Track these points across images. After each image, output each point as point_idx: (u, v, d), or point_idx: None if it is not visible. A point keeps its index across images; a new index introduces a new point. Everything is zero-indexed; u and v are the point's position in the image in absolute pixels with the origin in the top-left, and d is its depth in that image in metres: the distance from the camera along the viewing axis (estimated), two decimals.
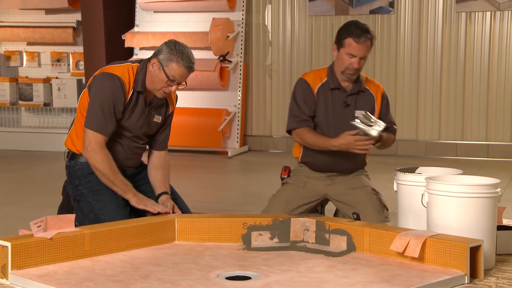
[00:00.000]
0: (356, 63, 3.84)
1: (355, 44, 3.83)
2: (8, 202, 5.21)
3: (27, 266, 3.06)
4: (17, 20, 8.63)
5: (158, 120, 3.84)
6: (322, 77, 3.98)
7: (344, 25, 3.94)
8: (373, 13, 7.86)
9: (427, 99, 7.80)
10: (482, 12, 7.58)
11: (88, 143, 3.62)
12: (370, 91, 4.01)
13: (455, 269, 3.09)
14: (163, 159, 3.91)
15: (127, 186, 3.67)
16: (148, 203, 3.66)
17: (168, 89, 3.67)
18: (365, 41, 3.83)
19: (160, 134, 3.91)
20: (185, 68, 3.62)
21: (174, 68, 3.61)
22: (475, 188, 3.30)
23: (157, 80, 3.65)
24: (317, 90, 3.96)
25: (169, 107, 3.90)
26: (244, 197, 5.62)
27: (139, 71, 3.71)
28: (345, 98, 3.95)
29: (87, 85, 3.75)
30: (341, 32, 3.90)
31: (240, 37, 7.95)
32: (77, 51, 8.44)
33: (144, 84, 3.71)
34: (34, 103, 8.45)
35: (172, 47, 3.64)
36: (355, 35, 3.83)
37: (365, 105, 3.95)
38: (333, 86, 3.95)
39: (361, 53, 3.84)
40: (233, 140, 7.91)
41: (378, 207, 3.85)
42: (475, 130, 7.70)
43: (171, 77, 3.62)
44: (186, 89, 7.93)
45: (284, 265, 3.21)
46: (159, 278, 3.00)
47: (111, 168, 3.63)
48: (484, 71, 7.62)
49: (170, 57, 3.61)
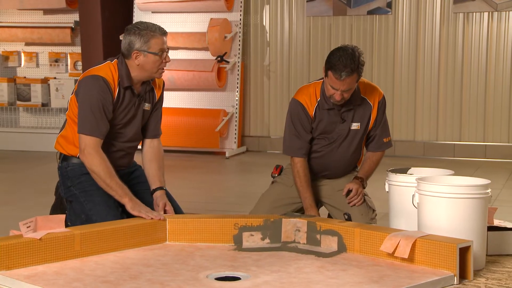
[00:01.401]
0: (338, 95, 3.70)
1: (334, 79, 3.67)
2: (3, 203, 5.22)
3: (16, 266, 3.07)
4: (15, 21, 8.63)
5: (148, 108, 3.87)
6: (317, 96, 3.87)
7: (331, 52, 3.73)
8: (370, 13, 7.85)
9: (424, 100, 7.79)
10: (480, 12, 7.57)
11: (84, 147, 3.62)
12: (367, 101, 3.89)
13: (444, 269, 3.09)
14: (157, 148, 3.92)
15: (124, 190, 3.65)
16: (143, 210, 3.62)
17: (164, 62, 3.71)
18: (347, 78, 3.63)
19: (151, 121, 3.91)
20: (161, 34, 3.68)
21: (157, 43, 3.66)
22: (465, 189, 3.30)
23: (149, 65, 3.68)
24: (314, 111, 3.87)
25: (155, 93, 3.91)
26: (239, 197, 5.62)
27: (120, 66, 3.73)
28: (341, 114, 3.87)
29: (74, 91, 3.77)
30: (327, 60, 3.71)
31: (238, 38, 7.95)
32: (75, 52, 8.45)
33: (129, 78, 3.72)
34: (32, 104, 8.45)
35: (136, 31, 3.67)
36: (335, 70, 3.64)
37: (361, 116, 3.89)
38: (327, 107, 3.86)
39: (343, 88, 3.67)
40: (230, 140, 7.91)
41: (363, 209, 3.85)
42: (473, 130, 7.69)
43: (160, 51, 3.66)
44: (184, 90, 7.96)
45: (274, 265, 3.21)
46: (148, 279, 3.00)
47: (107, 171, 3.62)
48: (482, 72, 7.61)
49: (145, 38, 3.66)
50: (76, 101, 3.72)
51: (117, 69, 3.72)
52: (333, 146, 3.92)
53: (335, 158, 3.93)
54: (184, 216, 3.70)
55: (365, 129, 3.91)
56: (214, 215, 3.75)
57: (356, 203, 3.84)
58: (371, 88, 3.94)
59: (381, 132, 3.95)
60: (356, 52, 3.69)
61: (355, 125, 3.88)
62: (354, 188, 3.84)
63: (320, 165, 3.96)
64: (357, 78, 3.71)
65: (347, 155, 3.93)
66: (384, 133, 3.96)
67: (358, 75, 3.69)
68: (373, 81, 7.86)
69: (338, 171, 3.97)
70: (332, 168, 3.96)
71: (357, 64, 3.65)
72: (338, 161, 3.94)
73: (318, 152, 3.95)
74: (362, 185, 3.89)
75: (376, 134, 3.95)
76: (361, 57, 3.69)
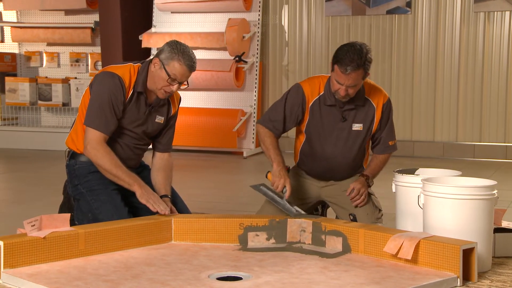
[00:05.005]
0: (342, 91, 3.65)
1: (340, 73, 3.62)
2: (17, 201, 5.27)
3: (20, 265, 3.09)
4: (37, 21, 8.72)
5: (161, 121, 3.85)
6: (320, 89, 3.83)
7: (339, 47, 3.68)
8: (390, 13, 7.81)
9: (444, 100, 7.73)
10: (501, 11, 7.50)
11: (88, 141, 3.63)
12: (371, 102, 3.83)
13: (448, 271, 3.06)
14: (166, 160, 3.91)
15: (132, 178, 3.64)
16: (151, 199, 3.61)
17: (170, 88, 3.67)
18: (351, 72, 3.58)
19: (164, 136, 3.92)
20: (186, 66, 3.63)
21: (175, 67, 3.62)
22: (470, 190, 3.26)
23: (158, 79, 3.66)
24: (313, 103, 3.82)
25: (171, 108, 3.90)
26: (253, 198, 5.59)
27: (141, 71, 3.73)
28: (342, 112, 3.82)
29: (89, 84, 3.78)
30: (334, 55, 3.66)
31: (257, 38, 7.95)
32: (95, 52, 8.52)
33: (145, 84, 3.72)
34: (53, 103, 8.53)
35: (173, 46, 3.66)
36: (341, 64, 3.59)
37: (364, 118, 3.83)
38: (329, 103, 3.81)
39: (348, 82, 3.62)
40: (248, 140, 7.91)
41: (369, 209, 3.82)
42: (493, 131, 7.61)
43: (172, 76, 3.63)
44: (202, 89, 7.98)
45: (277, 266, 3.20)
46: (149, 278, 3.01)
47: (112, 162, 3.62)
48: (503, 72, 7.53)
49: (171, 55, 3.63)
50: (89, 93, 3.73)
51: (136, 73, 3.73)
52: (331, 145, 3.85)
53: (338, 160, 3.87)
54: (189, 216, 3.71)
55: (368, 131, 3.85)
56: (219, 215, 3.75)
57: (359, 204, 3.81)
58: (376, 90, 3.88)
59: (386, 135, 3.89)
60: (364, 49, 3.64)
61: (357, 125, 3.83)
62: (356, 188, 3.80)
63: (323, 167, 3.91)
64: (363, 75, 3.65)
65: (349, 156, 3.88)
66: (389, 136, 3.90)
67: (364, 71, 3.63)
68: (392, 81, 7.82)
69: (342, 172, 3.91)
70: (335, 169, 3.90)
71: (364, 60, 3.60)
72: (341, 162, 3.88)
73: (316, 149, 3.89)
74: (366, 183, 3.84)
75: (381, 137, 3.89)
76: (369, 54, 3.65)
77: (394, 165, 4.23)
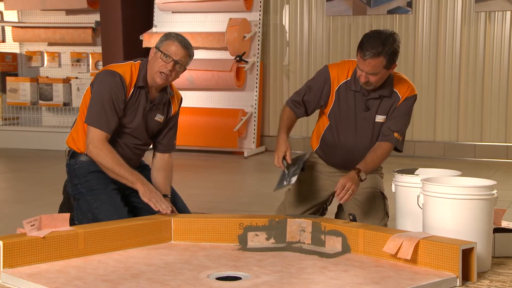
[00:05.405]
0: (363, 77, 3.59)
1: (360, 59, 3.57)
2: (18, 201, 5.28)
3: (20, 264, 3.09)
4: (38, 21, 8.73)
5: (160, 120, 3.85)
6: (349, 74, 3.75)
7: (368, 31, 3.63)
8: (391, 13, 7.81)
9: (445, 100, 7.73)
10: (502, 11, 7.49)
11: (90, 140, 3.64)
12: (397, 94, 3.73)
13: (447, 271, 3.05)
14: (166, 161, 3.91)
15: (135, 176, 3.64)
16: (153, 198, 3.61)
17: (165, 68, 3.65)
18: (369, 59, 3.51)
19: (164, 137, 3.92)
20: (178, 43, 3.66)
21: (168, 44, 3.67)
22: (470, 190, 3.26)
23: (153, 62, 3.69)
24: (339, 87, 3.76)
25: (171, 108, 3.90)
26: (253, 197, 5.62)
27: (141, 67, 3.75)
28: (365, 101, 3.75)
29: (91, 83, 3.78)
30: (360, 41, 3.60)
31: (257, 37, 7.95)
32: (96, 52, 8.52)
33: (145, 79, 3.73)
34: (54, 103, 8.54)
35: (168, 34, 3.74)
36: (362, 49, 3.54)
37: (388, 110, 3.74)
38: (354, 88, 3.74)
39: (367, 69, 3.55)
40: (249, 140, 7.92)
41: (380, 214, 3.81)
42: (494, 131, 7.60)
43: (165, 52, 3.65)
44: (203, 89, 7.98)
45: (277, 266, 3.20)
46: (148, 278, 3.00)
47: (115, 160, 3.63)
48: (504, 72, 7.52)
49: (165, 38, 3.71)
50: (90, 92, 3.74)
51: (137, 70, 3.74)
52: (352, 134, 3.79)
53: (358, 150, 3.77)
54: (189, 216, 3.71)
55: None
56: (219, 215, 3.75)
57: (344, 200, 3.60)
58: (405, 82, 3.77)
59: (393, 124, 3.73)
60: (391, 38, 3.55)
61: (380, 117, 3.73)
62: (341, 183, 3.58)
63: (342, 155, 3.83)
64: (385, 64, 3.55)
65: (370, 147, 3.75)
66: (396, 126, 3.72)
67: (386, 60, 3.53)
68: None
69: None
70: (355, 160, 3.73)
71: (386, 49, 3.51)
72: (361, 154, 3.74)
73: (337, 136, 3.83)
74: (357, 177, 3.62)
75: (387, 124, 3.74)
76: (395, 44, 3.54)
77: (394, 165, 4.23)
